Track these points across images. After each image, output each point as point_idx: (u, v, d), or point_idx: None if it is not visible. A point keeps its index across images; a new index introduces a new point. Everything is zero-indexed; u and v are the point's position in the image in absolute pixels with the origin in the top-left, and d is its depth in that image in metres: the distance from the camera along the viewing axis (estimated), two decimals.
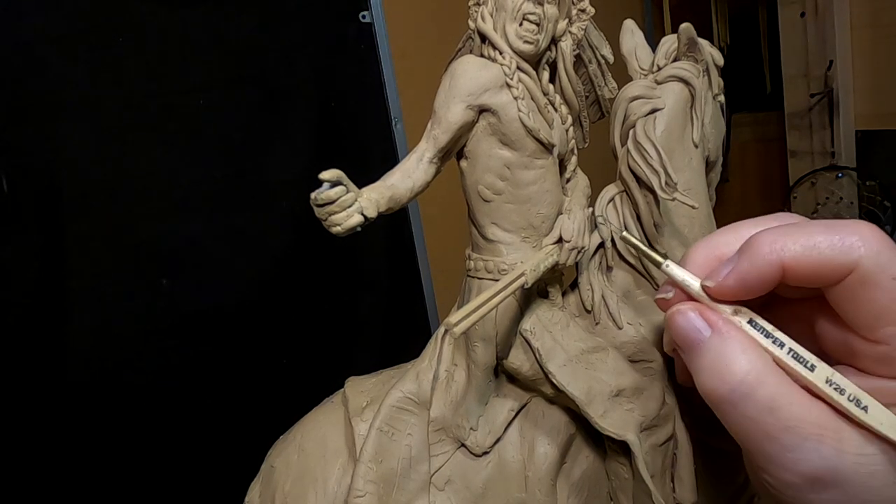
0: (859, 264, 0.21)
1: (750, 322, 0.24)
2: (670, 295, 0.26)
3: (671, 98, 0.37)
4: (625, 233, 0.30)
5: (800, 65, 1.45)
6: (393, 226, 1.04)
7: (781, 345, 0.23)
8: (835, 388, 0.22)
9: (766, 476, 0.23)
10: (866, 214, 1.41)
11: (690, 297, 0.26)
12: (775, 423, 0.22)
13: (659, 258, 0.27)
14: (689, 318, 0.25)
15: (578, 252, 0.36)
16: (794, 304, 0.25)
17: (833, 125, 1.42)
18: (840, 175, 1.41)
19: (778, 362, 0.23)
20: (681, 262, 0.27)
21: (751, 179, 1.75)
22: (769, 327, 0.24)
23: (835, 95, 1.40)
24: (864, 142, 1.44)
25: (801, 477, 0.22)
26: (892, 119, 1.38)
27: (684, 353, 0.25)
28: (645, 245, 0.29)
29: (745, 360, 0.23)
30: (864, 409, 0.22)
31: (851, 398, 0.22)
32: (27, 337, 0.67)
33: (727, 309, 0.24)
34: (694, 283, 0.25)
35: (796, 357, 0.23)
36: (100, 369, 0.72)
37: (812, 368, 0.23)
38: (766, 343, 0.23)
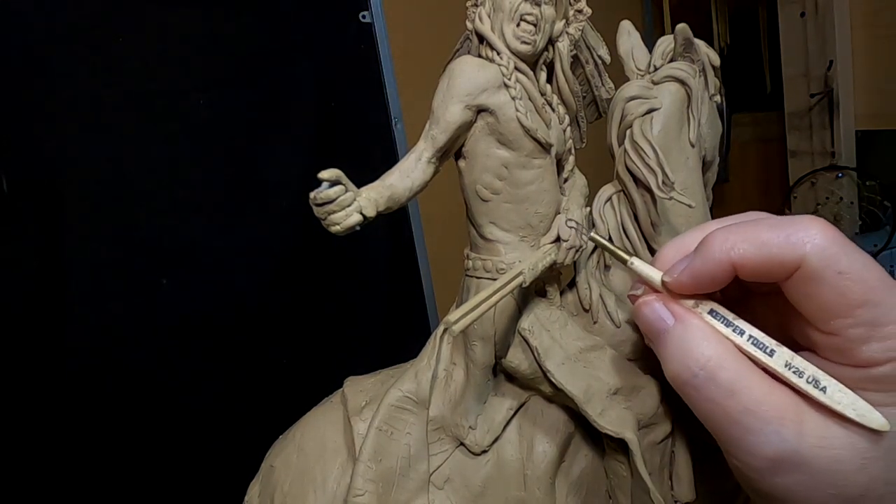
0: (805, 260, 0.22)
1: (711, 312, 0.25)
2: (640, 291, 0.27)
3: (668, 98, 0.37)
4: (592, 233, 0.31)
5: (800, 65, 1.44)
6: (393, 225, 1.04)
7: (741, 332, 0.24)
8: (794, 372, 0.23)
9: (734, 460, 0.23)
10: (866, 214, 1.40)
11: (657, 292, 0.27)
12: (735, 407, 0.22)
13: (625, 256, 0.28)
14: (654, 308, 0.26)
15: (576, 251, 0.36)
16: (769, 296, 0.26)
17: (833, 125, 1.42)
18: (840, 175, 1.41)
19: (740, 349, 0.24)
20: (653, 260, 0.27)
21: (751, 179, 1.75)
22: (730, 316, 0.25)
23: (835, 95, 1.40)
24: (864, 142, 1.44)
25: (763, 460, 0.22)
26: (892, 119, 1.38)
27: (651, 342, 0.26)
28: (611, 244, 0.30)
29: (707, 346, 0.24)
30: (823, 390, 0.22)
31: (810, 380, 0.22)
32: (27, 336, 0.67)
33: (689, 301, 0.25)
34: (657, 278, 0.26)
35: (756, 343, 0.24)
36: (99, 369, 0.72)
37: (771, 353, 0.23)
38: (727, 331, 0.24)
